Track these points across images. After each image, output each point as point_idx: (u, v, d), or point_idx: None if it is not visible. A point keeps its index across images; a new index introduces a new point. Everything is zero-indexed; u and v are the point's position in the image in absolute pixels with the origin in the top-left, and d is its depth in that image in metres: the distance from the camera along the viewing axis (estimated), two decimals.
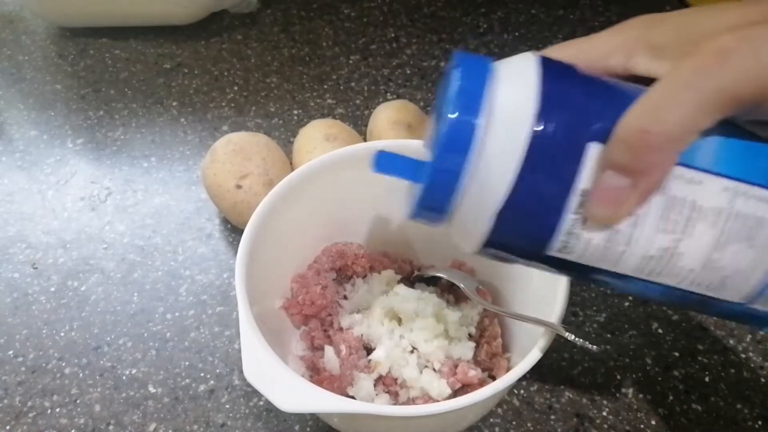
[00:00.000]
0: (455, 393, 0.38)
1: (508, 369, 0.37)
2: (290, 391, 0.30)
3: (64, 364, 0.46)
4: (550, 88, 0.21)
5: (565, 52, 0.25)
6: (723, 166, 0.22)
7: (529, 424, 0.42)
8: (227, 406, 0.43)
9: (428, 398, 0.38)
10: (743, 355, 0.46)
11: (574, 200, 0.22)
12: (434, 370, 0.39)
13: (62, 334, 0.47)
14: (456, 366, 0.39)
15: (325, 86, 0.67)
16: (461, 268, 0.46)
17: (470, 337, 0.42)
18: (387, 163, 0.25)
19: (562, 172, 0.21)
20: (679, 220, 0.22)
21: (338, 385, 0.39)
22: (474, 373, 0.39)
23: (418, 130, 0.53)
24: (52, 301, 0.49)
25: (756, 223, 0.22)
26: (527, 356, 0.32)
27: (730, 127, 0.22)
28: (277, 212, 0.39)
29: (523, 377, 0.32)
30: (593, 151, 0.21)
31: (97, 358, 0.46)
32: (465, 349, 0.40)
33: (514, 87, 0.22)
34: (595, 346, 0.32)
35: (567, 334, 0.32)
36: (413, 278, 0.46)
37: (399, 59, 0.70)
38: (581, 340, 0.32)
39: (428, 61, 0.70)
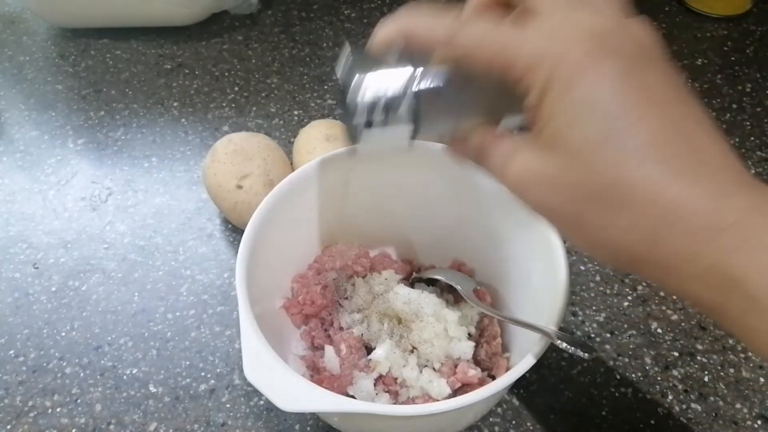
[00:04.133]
0: (455, 392, 0.39)
1: (508, 368, 0.37)
2: (290, 390, 0.31)
3: (64, 364, 0.46)
4: None
5: None
6: None
7: (529, 424, 0.42)
8: (228, 405, 0.44)
9: (428, 398, 0.38)
10: (743, 355, 0.46)
11: None
12: (434, 369, 0.39)
13: (63, 334, 0.48)
14: (456, 365, 0.40)
15: (326, 87, 0.67)
16: (461, 269, 0.46)
17: (470, 336, 0.42)
18: None
19: None
20: None
21: (338, 384, 0.39)
22: (474, 373, 0.39)
23: None
24: (53, 301, 0.50)
25: None
26: (526, 357, 0.32)
27: None
28: (277, 212, 0.39)
29: (523, 377, 0.32)
30: None
31: (97, 358, 0.46)
32: (464, 349, 0.40)
33: None
34: (586, 354, 0.32)
35: (558, 341, 0.32)
36: (412, 279, 0.46)
37: None
38: (572, 348, 0.32)
39: None
